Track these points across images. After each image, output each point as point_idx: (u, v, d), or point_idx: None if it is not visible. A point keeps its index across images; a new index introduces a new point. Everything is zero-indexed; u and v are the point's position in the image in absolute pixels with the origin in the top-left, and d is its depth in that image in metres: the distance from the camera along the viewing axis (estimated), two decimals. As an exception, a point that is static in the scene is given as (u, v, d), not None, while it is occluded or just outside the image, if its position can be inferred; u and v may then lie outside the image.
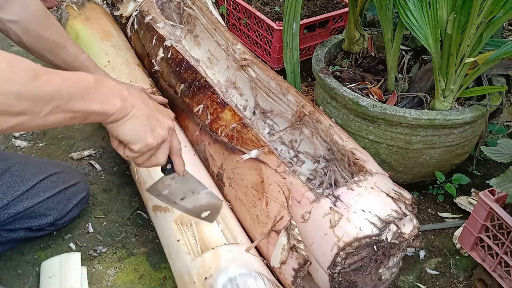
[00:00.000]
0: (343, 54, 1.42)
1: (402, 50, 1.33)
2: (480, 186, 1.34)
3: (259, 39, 1.72)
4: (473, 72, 1.10)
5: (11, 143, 1.44)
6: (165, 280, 1.06)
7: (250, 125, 1.06)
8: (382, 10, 1.16)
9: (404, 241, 0.88)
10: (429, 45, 1.08)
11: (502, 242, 0.93)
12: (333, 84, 1.18)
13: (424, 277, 1.10)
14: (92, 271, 1.07)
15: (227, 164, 1.05)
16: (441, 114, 1.08)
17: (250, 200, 0.97)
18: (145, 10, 1.52)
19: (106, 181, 1.32)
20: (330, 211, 0.86)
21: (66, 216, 1.10)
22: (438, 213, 1.27)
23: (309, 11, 1.76)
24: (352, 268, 0.84)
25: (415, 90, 1.22)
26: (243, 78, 1.37)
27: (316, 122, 1.10)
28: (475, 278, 1.06)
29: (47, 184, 1.04)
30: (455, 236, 1.18)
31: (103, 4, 1.70)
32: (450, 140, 1.14)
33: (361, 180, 0.90)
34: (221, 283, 0.81)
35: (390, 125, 1.11)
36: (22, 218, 1.02)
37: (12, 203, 0.99)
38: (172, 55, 1.33)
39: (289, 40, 1.31)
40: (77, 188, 1.11)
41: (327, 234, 0.85)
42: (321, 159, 1.13)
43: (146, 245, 1.14)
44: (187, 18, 1.68)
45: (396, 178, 1.21)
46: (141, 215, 1.22)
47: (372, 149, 1.17)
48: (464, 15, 1.00)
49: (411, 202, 0.92)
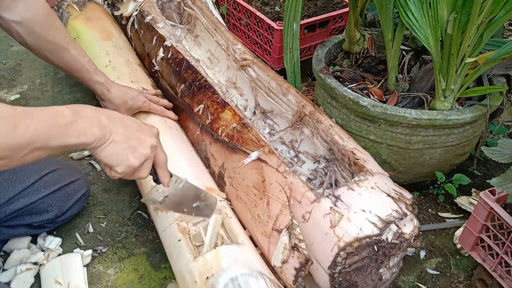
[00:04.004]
0: (343, 54, 1.42)
1: (402, 50, 1.33)
2: (480, 186, 1.34)
3: (259, 39, 1.72)
4: (473, 72, 1.10)
5: (11, 143, 1.44)
6: (165, 280, 1.06)
7: (250, 125, 1.06)
8: (383, 10, 1.16)
9: (404, 241, 0.88)
10: (430, 45, 1.08)
11: (502, 242, 0.93)
12: (333, 84, 1.18)
13: (424, 277, 1.10)
14: (92, 271, 1.07)
15: (228, 164, 1.05)
16: (442, 114, 1.08)
17: (251, 200, 0.97)
18: (145, 10, 1.52)
19: (106, 181, 1.32)
20: (330, 211, 0.86)
21: (67, 213, 1.11)
22: (438, 213, 1.27)
23: (310, 11, 1.76)
24: (353, 268, 0.84)
25: (415, 90, 1.22)
26: (244, 78, 1.37)
27: (316, 122, 1.10)
28: (475, 278, 1.06)
29: (48, 181, 1.05)
30: (456, 236, 1.18)
31: (103, 4, 1.70)
32: (451, 140, 1.14)
33: (362, 180, 0.90)
34: (222, 283, 0.81)
35: (390, 125, 1.11)
36: (23, 214, 1.03)
37: (13, 199, 1.00)
38: (172, 55, 1.33)
39: (290, 40, 1.31)
40: (77, 185, 1.12)
41: (328, 234, 0.85)
42: (322, 159, 1.13)
43: (146, 245, 1.14)
44: (187, 18, 1.68)
45: (396, 178, 1.21)
46: (141, 215, 1.22)
47: (372, 149, 1.17)
48: (465, 15, 1.00)
49: (411, 202, 0.92)
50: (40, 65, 1.82)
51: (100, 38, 1.47)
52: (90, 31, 1.50)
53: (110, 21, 1.59)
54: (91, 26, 1.52)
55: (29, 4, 0.94)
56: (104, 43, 1.45)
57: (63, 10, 1.61)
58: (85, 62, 1.07)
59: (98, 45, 1.44)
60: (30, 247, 1.11)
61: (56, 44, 1.01)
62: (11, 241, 1.10)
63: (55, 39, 1.00)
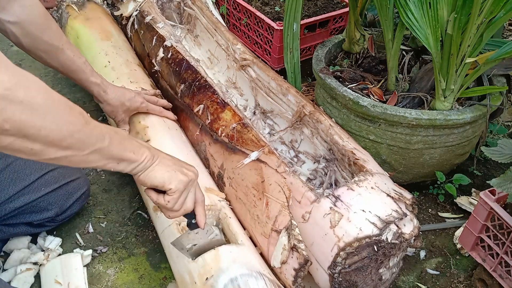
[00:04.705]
0: (343, 54, 1.42)
1: (402, 50, 1.33)
2: (480, 186, 1.34)
3: (259, 39, 1.72)
4: (473, 72, 1.10)
5: (11, 143, 1.44)
6: (165, 280, 1.06)
7: (250, 125, 1.06)
8: (383, 10, 1.15)
9: (404, 241, 0.88)
10: (430, 45, 1.08)
11: (502, 242, 0.93)
12: (333, 84, 1.18)
13: (424, 277, 1.10)
14: (92, 271, 1.07)
15: (228, 164, 1.05)
16: (442, 114, 1.08)
17: (251, 200, 0.97)
18: (145, 10, 1.52)
19: (106, 181, 1.32)
20: (330, 211, 0.86)
21: (67, 212, 1.11)
22: (438, 213, 1.27)
23: (310, 11, 1.76)
24: (353, 268, 0.84)
25: (415, 90, 1.22)
26: (243, 78, 1.37)
27: (316, 122, 1.10)
28: (475, 278, 1.06)
29: (48, 179, 1.05)
30: (456, 236, 1.18)
31: (103, 4, 1.70)
32: (451, 140, 1.14)
33: (362, 180, 0.90)
34: (222, 284, 0.81)
35: (390, 125, 1.11)
36: (24, 212, 1.03)
37: (13, 197, 1.00)
38: (172, 55, 1.33)
39: (290, 40, 1.30)
40: (77, 183, 1.12)
41: (328, 234, 0.85)
42: (322, 159, 1.13)
43: (146, 245, 1.14)
44: (187, 18, 1.68)
45: (396, 178, 1.21)
46: (141, 215, 1.22)
47: (372, 149, 1.16)
48: (465, 15, 1.00)
49: (411, 202, 0.92)
50: (40, 65, 1.82)
51: (99, 38, 1.47)
52: (89, 32, 1.50)
53: (110, 21, 1.59)
54: (91, 27, 1.52)
55: (24, 5, 0.93)
56: (104, 43, 1.45)
57: (63, 11, 1.61)
58: (80, 63, 1.07)
59: (98, 45, 1.44)
60: (30, 247, 1.11)
61: (52, 45, 1.00)
62: (11, 241, 1.10)
63: (51, 40, 1.00)
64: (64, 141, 0.58)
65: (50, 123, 0.55)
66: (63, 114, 0.58)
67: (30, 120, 0.53)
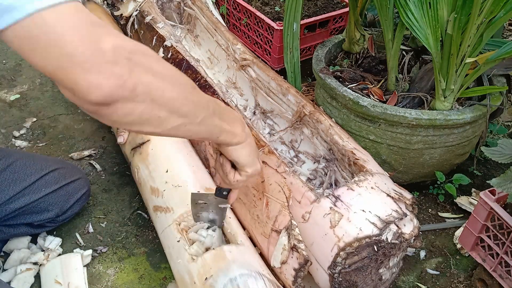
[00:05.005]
0: (343, 54, 1.42)
1: (402, 50, 1.33)
2: (480, 186, 1.34)
3: (259, 39, 1.72)
4: (473, 72, 1.10)
5: (12, 143, 1.44)
6: (165, 280, 1.06)
7: (250, 125, 1.06)
8: (383, 10, 1.15)
9: (404, 241, 0.88)
10: (430, 45, 1.08)
11: (502, 242, 0.93)
12: (333, 84, 1.18)
13: (424, 277, 1.10)
14: (92, 271, 1.07)
15: (228, 164, 1.05)
16: (442, 114, 1.08)
17: (251, 200, 0.97)
18: (145, 10, 1.52)
19: (106, 181, 1.32)
20: (330, 211, 0.86)
21: (67, 212, 1.11)
22: (438, 213, 1.27)
23: (310, 11, 1.76)
24: (353, 268, 0.84)
25: (415, 90, 1.22)
26: (243, 78, 1.37)
27: (316, 122, 1.10)
28: (475, 278, 1.06)
29: (48, 180, 1.05)
30: (456, 236, 1.18)
31: (103, 4, 1.70)
32: (451, 140, 1.13)
33: (362, 180, 0.90)
34: (221, 284, 0.81)
35: (390, 125, 1.11)
36: (24, 213, 1.03)
37: (14, 198, 1.00)
38: (172, 55, 1.33)
39: (290, 40, 1.30)
40: (78, 184, 1.12)
41: (328, 234, 0.85)
42: (322, 159, 1.13)
43: (146, 245, 1.14)
44: (187, 18, 1.68)
45: (396, 178, 1.21)
46: (141, 215, 1.22)
47: (372, 149, 1.16)
48: (465, 15, 1.00)
49: (411, 202, 0.91)
50: (40, 65, 1.82)
51: (100, 38, 1.46)
52: (90, 31, 1.50)
53: (110, 21, 1.59)
54: (91, 26, 1.52)
55: None
56: (104, 43, 1.44)
57: (63, 10, 1.61)
58: None
59: (98, 45, 1.44)
60: (30, 247, 1.11)
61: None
62: (11, 241, 1.10)
63: None
64: (181, 108, 0.59)
65: (170, 84, 0.57)
66: (177, 76, 0.60)
67: (154, 82, 0.54)
